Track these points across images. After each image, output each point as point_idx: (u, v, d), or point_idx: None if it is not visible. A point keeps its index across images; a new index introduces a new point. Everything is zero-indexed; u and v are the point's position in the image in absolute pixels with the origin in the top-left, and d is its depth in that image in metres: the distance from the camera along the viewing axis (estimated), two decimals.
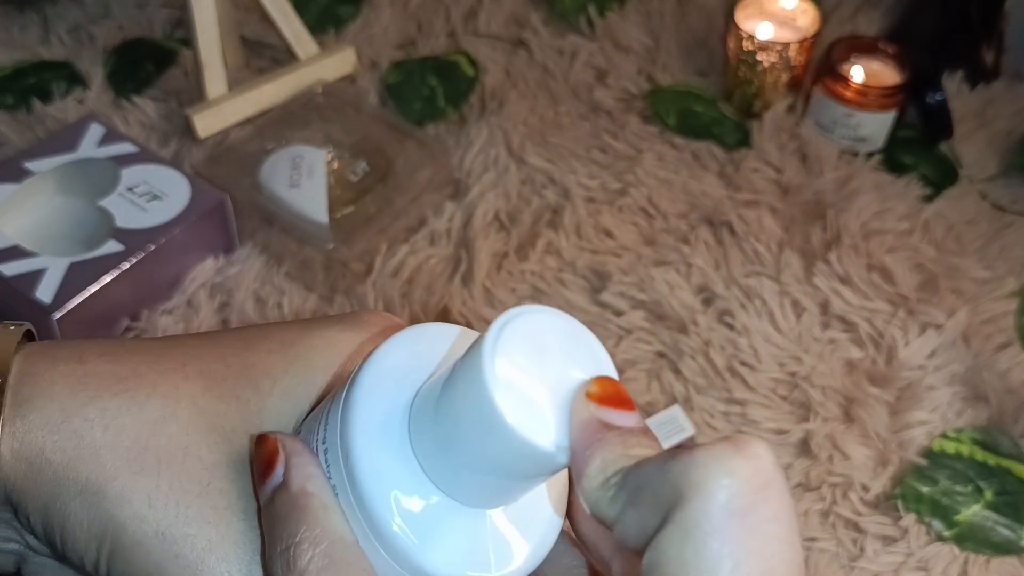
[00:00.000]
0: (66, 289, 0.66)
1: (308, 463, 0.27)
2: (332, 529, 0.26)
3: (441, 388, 0.25)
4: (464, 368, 0.24)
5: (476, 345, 0.24)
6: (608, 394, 0.24)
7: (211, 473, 0.28)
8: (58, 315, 0.65)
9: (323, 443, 0.27)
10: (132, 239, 0.70)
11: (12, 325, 0.30)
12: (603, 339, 0.78)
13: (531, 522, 0.27)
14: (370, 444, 0.26)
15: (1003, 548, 0.64)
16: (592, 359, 0.25)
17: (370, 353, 0.27)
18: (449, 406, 0.24)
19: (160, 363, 0.29)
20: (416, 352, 0.27)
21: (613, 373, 0.25)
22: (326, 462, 0.27)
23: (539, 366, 0.24)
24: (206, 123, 0.83)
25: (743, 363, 0.71)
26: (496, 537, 0.26)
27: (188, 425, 0.28)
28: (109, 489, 0.27)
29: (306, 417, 0.29)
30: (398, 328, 0.30)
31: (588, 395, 0.24)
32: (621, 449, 0.24)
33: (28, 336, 0.30)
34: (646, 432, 0.24)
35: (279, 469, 0.27)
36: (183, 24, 0.93)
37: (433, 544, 0.25)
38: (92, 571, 0.28)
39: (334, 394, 0.27)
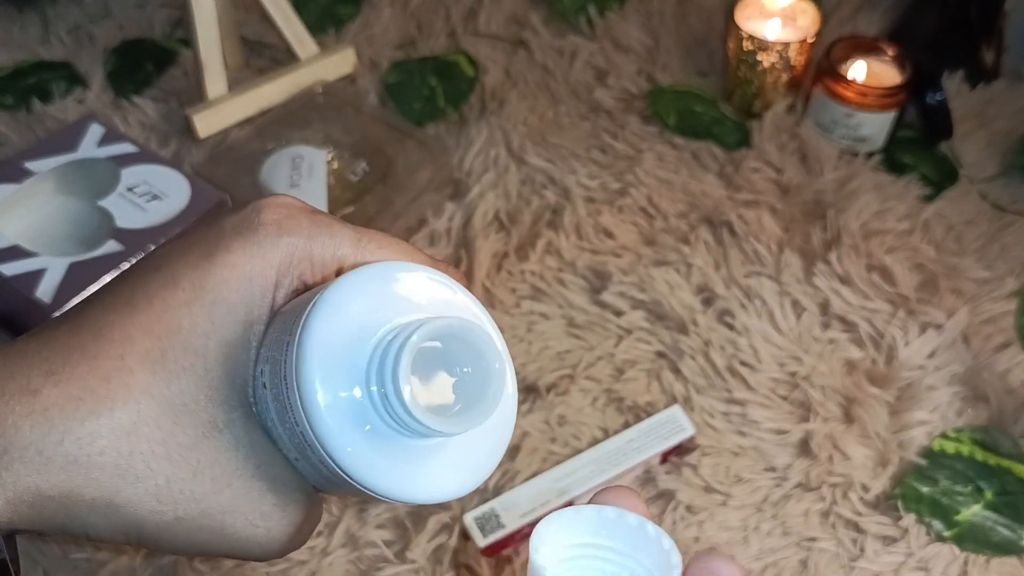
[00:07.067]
0: (66, 289, 0.66)
1: None
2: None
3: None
4: None
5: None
6: None
7: (195, 451, 0.31)
8: (58, 315, 0.65)
9: (283, 382, 0.31)
10: (132, 239, 0.70)
11: None
12: (603, 339, 0.78)
13: (465, 457, 0.32)
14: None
15: (1003, 548, 0.64)
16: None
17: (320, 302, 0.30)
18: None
19: (102, 366, 0.30)
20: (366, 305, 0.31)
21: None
22: (278, 395, 0.31)
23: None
24: (206, 123, 0.83)
25: (743, 363, 0.71)
26: (433, 465, 0.31)
27: (157, 418, 0.30)
28: (118, 500, 0.30)
29: (261, 345, 0.32)
30: (295, 221, 0.33)
31: None
32: None
33: None
34: None
35: None
36: (183, 24, 0.93)
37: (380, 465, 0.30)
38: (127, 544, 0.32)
39: (282, 341, 0.31)
